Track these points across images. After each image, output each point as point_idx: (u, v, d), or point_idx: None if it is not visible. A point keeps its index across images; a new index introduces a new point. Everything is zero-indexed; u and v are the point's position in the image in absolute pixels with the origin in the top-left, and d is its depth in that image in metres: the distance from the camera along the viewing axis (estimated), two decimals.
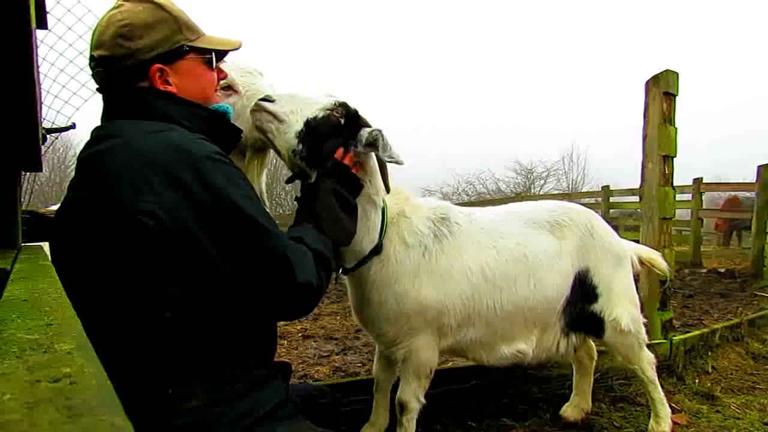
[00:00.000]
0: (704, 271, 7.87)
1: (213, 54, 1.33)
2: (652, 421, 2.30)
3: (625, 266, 2.20)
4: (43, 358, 0.48)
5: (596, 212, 2.51)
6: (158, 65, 1.24)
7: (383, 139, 1.58)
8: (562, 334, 2.08)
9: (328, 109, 1.55)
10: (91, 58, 1.25)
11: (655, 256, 2.41)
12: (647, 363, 2.25)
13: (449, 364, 3.04)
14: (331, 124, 1.54)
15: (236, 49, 1.44)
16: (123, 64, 1.22)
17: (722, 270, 7.68)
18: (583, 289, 2.08)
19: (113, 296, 1.05)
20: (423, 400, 1.91)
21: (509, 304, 1.92)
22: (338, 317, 4.69)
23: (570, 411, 2.48)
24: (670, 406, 2.37)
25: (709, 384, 2.89)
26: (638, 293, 2.29)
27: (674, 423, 2.34)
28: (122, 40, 1.21)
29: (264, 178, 1.88)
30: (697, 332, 3.30)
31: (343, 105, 1.59)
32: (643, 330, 2.23)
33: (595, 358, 2.50)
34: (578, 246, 2.08)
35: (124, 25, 1.22)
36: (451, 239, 1.85)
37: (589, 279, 2.09)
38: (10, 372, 0.44)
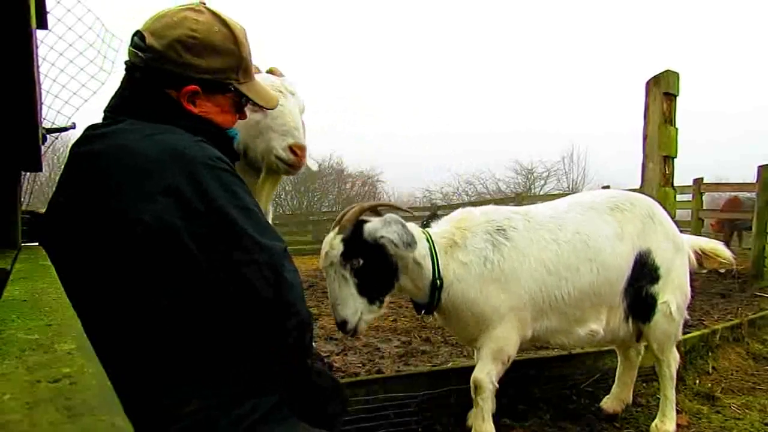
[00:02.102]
0: (704, 271, 7.84)
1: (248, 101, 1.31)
2: (657, 420, 2.30)
3: (682, 256, 2.29)
4: (43, 358, 0.48)
5: None
6: (196, 87, 1.19)
7: (391, 243, 1.86)
8: (624, 315, 2.18)
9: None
10: (140, 35, 1.19)
11: (717, 245, 2.47)
12: (674, 360, 2.31)
13: (449, 364, 3.04)
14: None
15: (272, 108, 1.44)
16: (166, 67, 1.17)
17: (722, 270, 7.66)
18: (645, 269, 2.17)
19: (102, 303, 1.03)
20: (496, 383, 2.06)
21: (575, 290, 2.07)
22: None
23: (610, 403, 2.52)
24: None
25: (709, 384, 2.89)
26: None
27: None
28: (181, 47, 1.17)
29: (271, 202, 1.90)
30: (697, 333, 3.30)
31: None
32: (681, 326, 2.30)
33: (642, 353, 2.54)
34: (639, 229, 2.18)
35: (193, 36, 1.18)
36: (510, 244, 2.03)
37: (651, 259, 2.18)
38: (10, 372, 0.44)
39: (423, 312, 2.10)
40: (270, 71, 1.79)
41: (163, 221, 1.00)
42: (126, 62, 1.24)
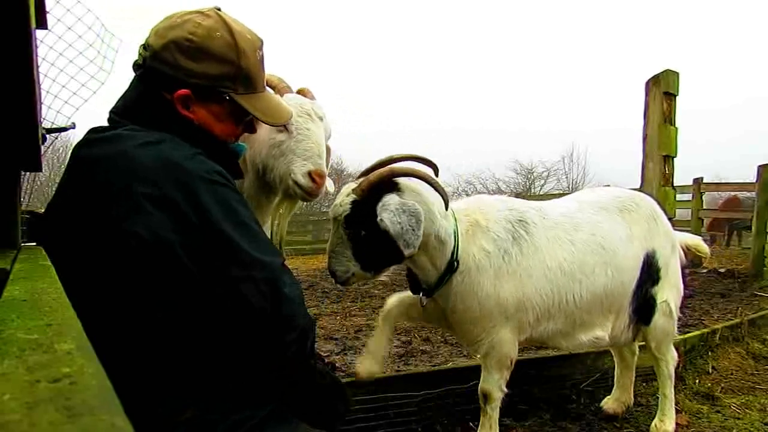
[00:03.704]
0: (704, 271, 7.85)
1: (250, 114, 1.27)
2: (657, 419, 2.30)
3: (677, 254, 2.31)
4: (43, 358, 0.48)
5: None
6: (187, 91, 1.17)
7: (386, 231, 1.65)
8: (628, 320, 2.16)
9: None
10: (150, 34, 1.20)
11: (699, 241, 2.51)
12: (672, 358, 2.31)
13: (449, 364, 3.04)
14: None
15: (276, 125, 1.39)
16: (160, 67, 1.16)
17: (722, 270, 7.66)
18: (650, 271, 2.17)
19: (98, 309, 1.01)
20: (505, 390, 2.01)
21: (588, 294, 2.01)
22: (338, 317, 4.69)
23: (611, 404, 2.52)
24: None
25: (709, 384, 2.89)
26: None
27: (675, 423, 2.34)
28: (175, 48, 1.15)
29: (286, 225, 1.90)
30: (697, 332, 3.30)
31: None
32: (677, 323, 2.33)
33: (637, 353, 2.54)
34: (645, 230, 2.17)
35: (189, 39, 1.15)
36: (529, 239, 1.94)
37: (655, 260, 2.18)
38: (9, 372, 0.44)
39: (422, 294, 1.93)
40: (300, 92, 1.73)
41: (157, 235, 0.99)
42: (135, 60, 1.24)
